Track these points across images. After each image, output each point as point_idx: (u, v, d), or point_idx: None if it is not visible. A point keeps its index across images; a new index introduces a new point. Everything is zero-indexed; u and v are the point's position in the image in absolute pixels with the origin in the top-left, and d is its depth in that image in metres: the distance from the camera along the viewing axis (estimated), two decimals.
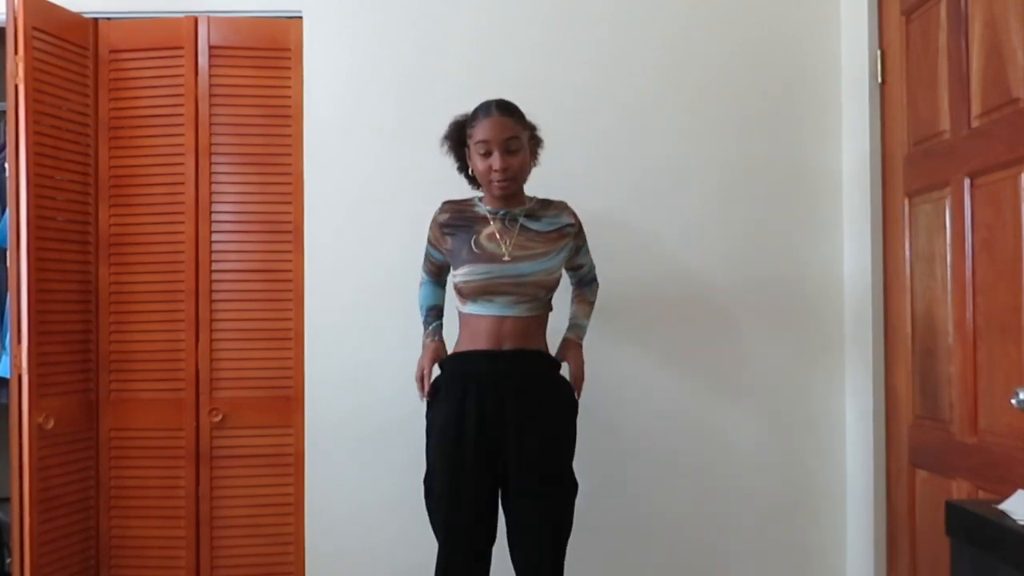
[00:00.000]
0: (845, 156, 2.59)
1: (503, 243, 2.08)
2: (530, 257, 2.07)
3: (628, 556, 2.59)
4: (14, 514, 2.37)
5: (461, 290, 2.08)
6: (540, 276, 2.06)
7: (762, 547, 2.60)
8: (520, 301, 2.06)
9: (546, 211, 2.16)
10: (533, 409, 2.04)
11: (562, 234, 2.14)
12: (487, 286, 2.04)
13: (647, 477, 2.59)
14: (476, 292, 2.05)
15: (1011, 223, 1.82)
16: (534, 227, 2.12)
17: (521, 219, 2.12)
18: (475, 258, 2.06)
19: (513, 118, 2.07)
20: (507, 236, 2.09)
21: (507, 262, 2.05)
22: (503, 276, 2.04)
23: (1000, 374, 1.86)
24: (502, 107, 2.07)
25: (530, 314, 2.08)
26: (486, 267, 2.04)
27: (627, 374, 2.59)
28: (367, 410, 2.60)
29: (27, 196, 2.38)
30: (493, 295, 2.05)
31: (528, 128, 2.12)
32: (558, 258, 2.11)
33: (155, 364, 2.64)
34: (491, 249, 2.07)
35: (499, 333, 2.06)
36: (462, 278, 2.06)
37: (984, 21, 1.94)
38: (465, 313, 2.11)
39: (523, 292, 2.05)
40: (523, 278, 2.05)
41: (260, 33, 2.67)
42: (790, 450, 2.61)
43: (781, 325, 2.61)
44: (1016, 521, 1.40)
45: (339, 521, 2.59)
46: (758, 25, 2.63)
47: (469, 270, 2.05)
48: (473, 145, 2.07)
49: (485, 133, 2.04)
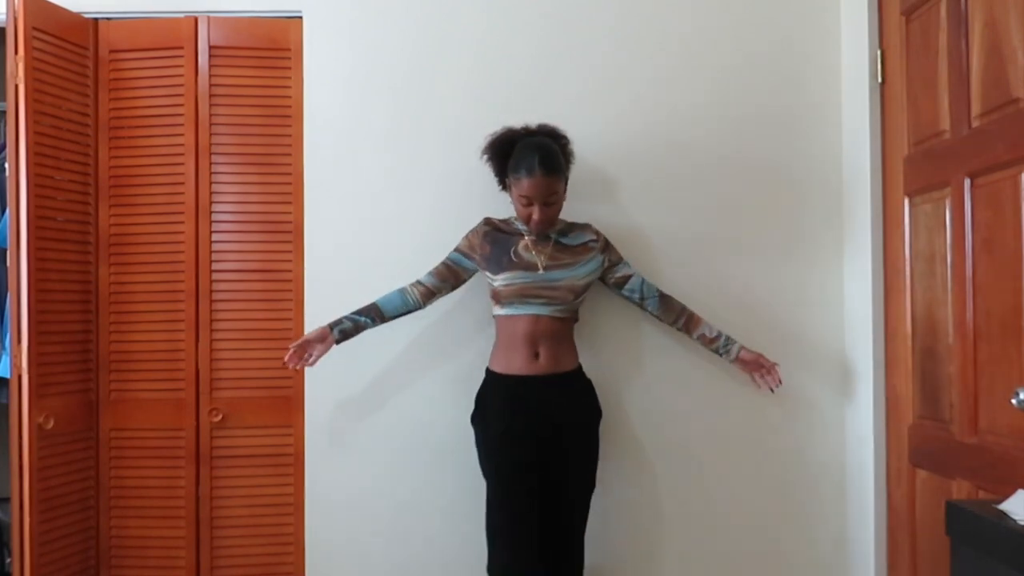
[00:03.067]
0: (845, 156, 2.59)
1: (539, 255, 2.33)
2: (560, 267, 2.33)
3: (627, 553, 2.59)
4: (14, 514, 2.37)
5: (501, 293, 2.32)
6: (569, 281, 2.32)
7: (762, 547, 2.60)
8: (551, 303, 2.30)
9: (572, 230, 2.41)
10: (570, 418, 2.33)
11: (587, 248, 2.39)
12: (524, 290, 2.29)
13: (645, 476, 2.59)
14: (514, 295, 2.30)
15: (1011, 223, 1.82)
16: (563, 241, 2.37)
17: (553, 236, 2.37)
18: (514, 266, 2.32)
19: (554, 175, 2.26)
20: (541, 249, 2.34)
21: (541, 272, 2.31)
22: (538, 282, 2.30)
23: (1000, 374, 1.86)
24: (545, 166, 2.24)
25: (559, 316, 2.32)
26: (524, 274, 2.31)
27: (626, 373, 2.59)
28: (367, 410, 2.59)
29: (27, 196, 2.38)
30: (529, 298, 2.29)
31: (565, 175, 2.32)
32: (585, 268, 2.35)
33: (155, 364, 2.64)
34: (528, 259, 2.33)
35: (534, 332, 2.30)
36: (503, 282, 2.31)
37: (984, 21, 1.94)
38: (503, 316, 2.34)
39: (555, 296, 2.30)
40: (555, 283, 2.30)
41: (260, 33, 2.66)
42: (790, 450, 2.61)
43: (781, 325, 2.61)
44: (1016, 521, 1.40)
45: (339, 521, 2.59)
46: (758, 26, 2.63)
47: (509, 276, 2.31)
48: (514, 187, 2.28)
49: (528, 191, 2.25)
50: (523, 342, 2.31)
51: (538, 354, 2.31)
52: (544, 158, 2.23)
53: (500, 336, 2.37)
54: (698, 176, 2.62)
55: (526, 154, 2.25)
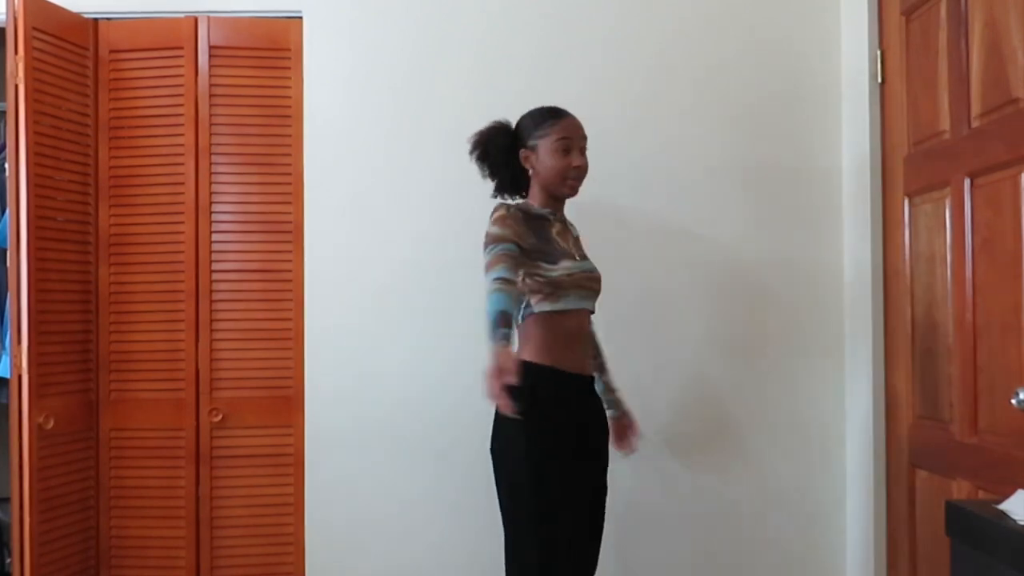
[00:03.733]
0: (845, 156, 2.59)
1: (568, 242, 2.11)
2: (585, 257, 2.14)
3: (626, 553, 2.59)
4: (14, 514, 2.37)
5: (561, 284, 2.00)
6: (598, 272, 2.12)
7: (762, 547, 2.60)
8: (594, 296, 2.11)
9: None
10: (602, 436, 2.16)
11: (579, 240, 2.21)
12: (580, 280, 2.04)
13: (644, 476, 2.59)
14: (575, 286, 2.02)
15: (1011, 223, 1.82)
16: (574, 232, 2.19)
17: (567, 223, 2.18)
18: (563, 254, 2.05)
19: None
20: (567, 237, 2.13)
21: (580, 260, 2.10)
22: (587, 271, 2.08)
23: (1000, 374, 1.86)
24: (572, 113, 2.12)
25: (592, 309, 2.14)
26: (574, 263, 2.05)
27: (625, 373, 2.59)
28: (367, 410, 2.60)
29: (27, 196, 2.38)
30: (583, 289, 2.06)
31: None
32: None
33: (155, 364, 2.64)
34: (566, 248, 2.09)
35: (581, 328, 2.08)
36: (564, 271, 2.00)
37: (984, 21, 1.94)
38: (555, 312, 2.01)
39: (597, 288, 2.11)
40: (596, 273, 2.11)
41: (260, 33, 2.67)
42: (790, 450, 2.61)
43: (781, 325, 2.61)
44: (1016, 521, 1.40)
45: (339, 521, 2.59)
46: (758, 26, 2.63)
47: (568, 265, 2.02)
48: (548, 141, 2.06)
49: (568, 131, 2.07)
50: (577, 340, 2.06)
51: (585, 356, 2.10)
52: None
53: (545, 337, 2.01)
54: (698, 176, 2.62)
55: (545, 109, 2.10)
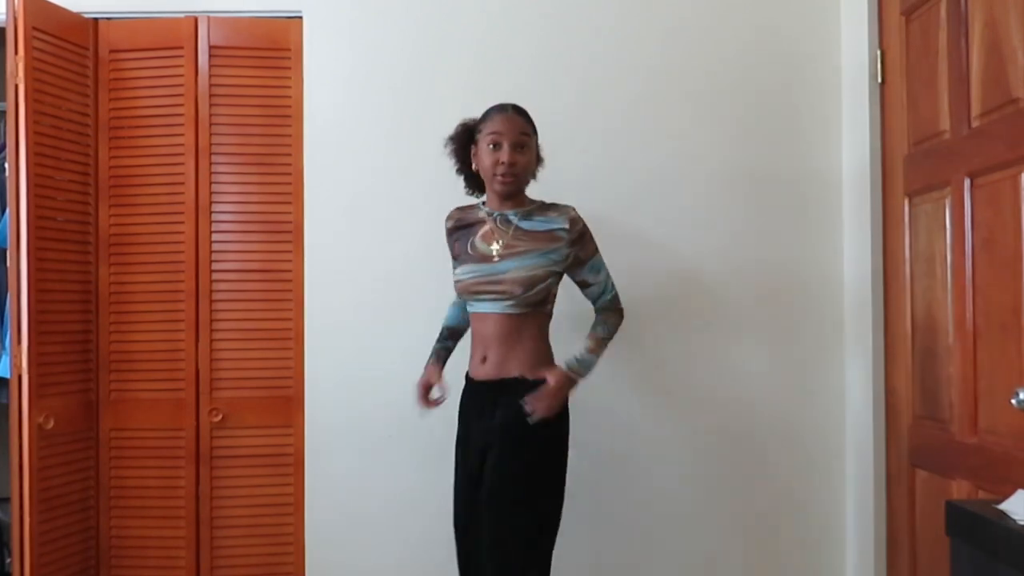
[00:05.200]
0: (845, 156, 2.59)
1: (495, 243, 2.09)
2: (513, 255, 2.06)
3: (626, 554, 2.59)
4: (14, 514, 2.37)
5: (456, 289, 2.15)
6: (516, 272, 2.02)
7: (762, 547, 2.60)
8: (499, 299, 2.03)
9: (543, 213, 2.10)
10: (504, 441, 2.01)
11: (552, 236, 2.07)
12: (470, 286, 2.08)
13: (643, 476, 2.59)
14: (465, 291, 2.11)
15: (1011, 223, 1.82)
16: (524, 226, 2.09)
17: (515, 220, 2.09)
18: (468, 259, 2.11)
19: (525, 119, 2.12)
20: (500, 236, 2.09)
21: (494, 262, 2.07)
22: (485, 275, 2.06)
23: (1000, 374, 1.86)
24: (517, 108, 2.12)
25: (512, 313, 2.03)
26: (474, 267, 2.09)
27: (625, 373, 2.59)
28: (367, 410, 2.60)
29: (27, 196, 2.38)
30: (477, 294, 2.07)
31: (536, 135, 2.15)
32: (543, 258, 2.04)
33: (155, 364, 2.64)
34: (483, 250, 2.11)
35: (483, 334, 2.08)
36: (456, 278, 2.13)
37: (984, 21, 1.94)
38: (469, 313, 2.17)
39: (499, 290, 2.03)
40: (500, 275, 2.04)
41: (260, 33, 2.67)
42: (790, 450, 2.61)
43: (781, 325, 2.61)
44: (1016, 521, 1.40)
45: (339, 521, 2.59)
46: (758, 25, 2.63)
47: (461, 270, 2.12)
48: (483, 138, 2.08)
49: (498, 126, 2.07)
50: (477, 344, 2.10)
51: (485, 358, 2.06)
52: (515, 105, 2.11)
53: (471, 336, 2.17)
54: (697, 176, 2.62)
55: (494, 105, 2.12)
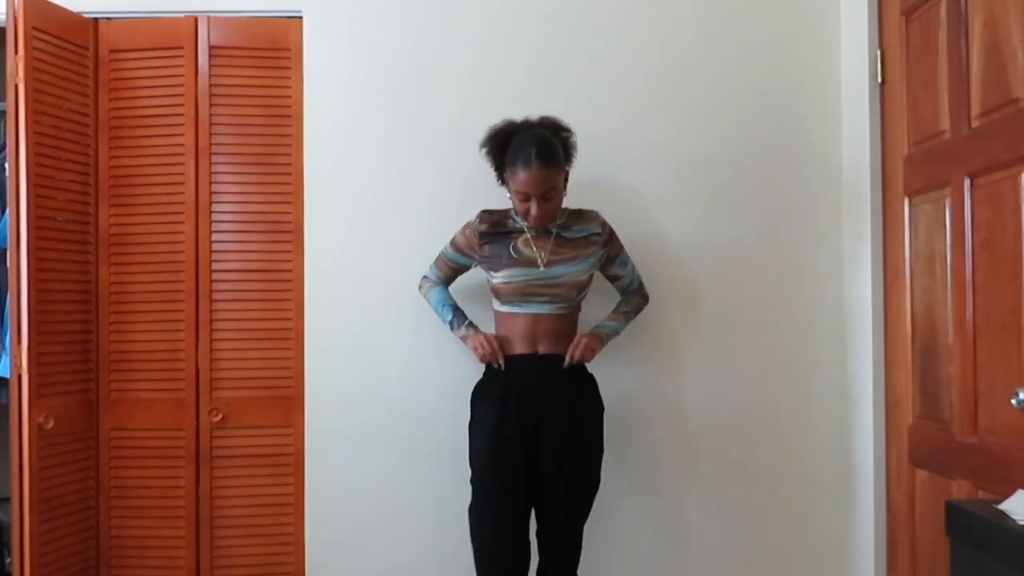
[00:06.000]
0: (845, 156, 2.59)
1: (539, 250, 2.25)
2: (562, 262, 2.25)
3: (628, 552, 2.59)
4: (14, 514, 2.37)
5: (500, 291, 2.25)
6: (571, 278, 2.24)
7: (762, 547, 2.60)
8: (553, 301, 2.24)
9: (577, 221, 2.31)
10: (570, 411, 2.23)
11: (590, 241, 2.29)
12: (525, 288, 2.23)
13: (643, 476, 2.59)
14: (514, 293, 2.23)
15: (1011, 223, 1.82)
16: (565, 235, 2.28)
17: (555, 230, 2.28)
18: (514, 263, 2.24)
19: (552, 168, 2.16)
20: (542, 244, 2.26)
21: (542, 268, 2.23)
22: (539, 279, 2.22)
23: (1000, 374, 1.86)
24: (542, 158, 2.14)
25: (562, 313, 2.26)
26: (524, 271, 2.23)
27: (626, 374, 2.59)
28: (367, 410, 2.60)
29: (27, 196, 2.38)
30: (530, 296, 2.23)
31: (564, 169, 2.24)
32: (587, 263, 2.27)
33: (155, 364, 2.64)
34: (528, 255, 2.25)
35: (534, 332, 2.25)
36: (502, 280, 2.24)
37: (984, 21, 1.94)
38: (503, 312, 2.29)
39: (556, 294, 2.23)
40: (556, 280, 2.23)
41: (260, 33, 2.66)
42: (790, 450, 2.61)
43: (781, 325, 2.61)
44: (1016, 521, 1.40)
45: (339, 521, 2.59)
46: (758, 26, 2.63)
47: (509, 273, 2.23)
48: (511, 184, 2.20)
49: (525, 186, 2.16)
50: (522, 339, 2.26)
51: (537, 351, 2.26)
52: (541, 151, 2.13)
53: (499, 331, 2.31)
54: (697, 175, 2.62)
55: (522, 146, 2.16)
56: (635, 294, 2.45)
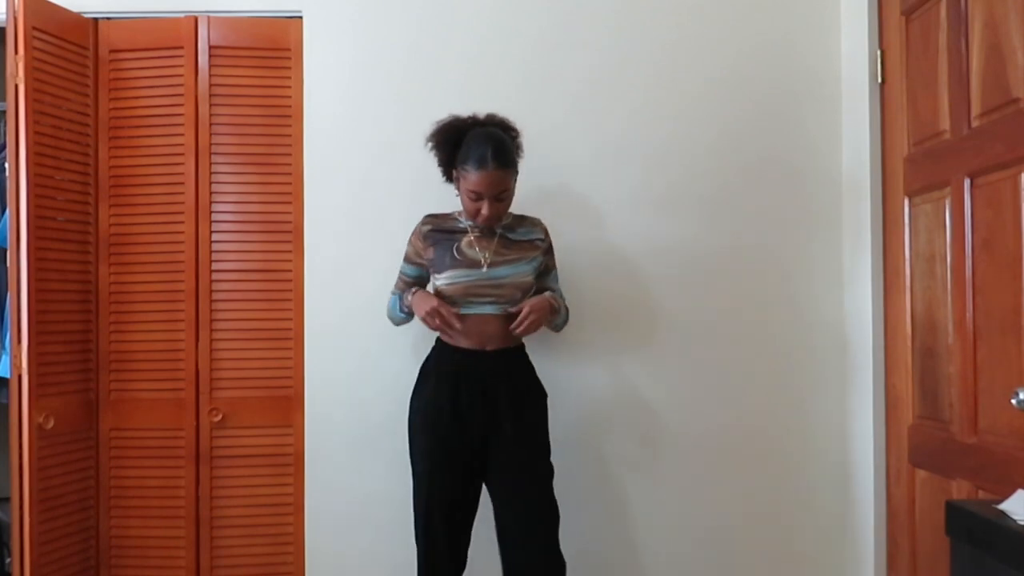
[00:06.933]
0: (845, 156, 2.59)
1: (482, 251, 2.21)
2: (506, 263, 2.21)
3: (629, 553, 2.59)
4: (14, 514, 2.37)
5: (443, 293, 2.20)
6: (515, 279, 2.20)
7: (762, 547, 2.60)
8: (498, 302, 2.19)
9: (521, 224, 2.30)
10: (514, 401, 2.19)
11: (534, 245, 2.28)
12: (468, 289, 2.18)
13: (643, 476, 2.59)
14: (459, 295, 2.18)
15: (1011, 223, 1.82)
16: (510, 236, 2.26)
17: (499, 231, 2.25)
18: (457, 264, 2.19)
19: (506, 170, 2.14)
20: (486, 245, 2.22)
21: (486, 268, 2.19)
22: (482, 280, 2.18)
23: (1000, 374, 1.86)
24: (498, 159, 2.11)
25: (509, 312, 2.20)
26: (467, 272, 2.18)
27: (623, 376, 2.59)
28: (367, 410, 2.60)
29: (27, 196, 2.38)
30: (474, 297, 2.18)
31: (517, 169, 2.20)
32: (530, 265, 2.25)
33: (155, 364, 2.64)
34: (471, 256, 2.20)
35: (482, 332, 2.19)
36: (445, 282, 2.19)
37: (984, 21, 1.94)
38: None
39: (501, 295, 2.19)
40: (500, 280, 2.19)
41: (260, 33, 2.66)
42: (790, 450, 2.61)
43: (780, 325, 2.61)
44: (1016, 521, 1.40)
45: (339, 521, 2.59)
46: (758, 26, 2.63)
47: (452, 274, 2.18)
48: (463, 183, 2.16)
49: (479, 186, 2.12)
50: (469, 338, 2.20)
51: (485, 348, 2.20)
52: (497, 151, 2.10)
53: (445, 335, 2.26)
54: (697, 176, 2.62)
55: (477, 145, 2.12)
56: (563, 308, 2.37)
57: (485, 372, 2.19)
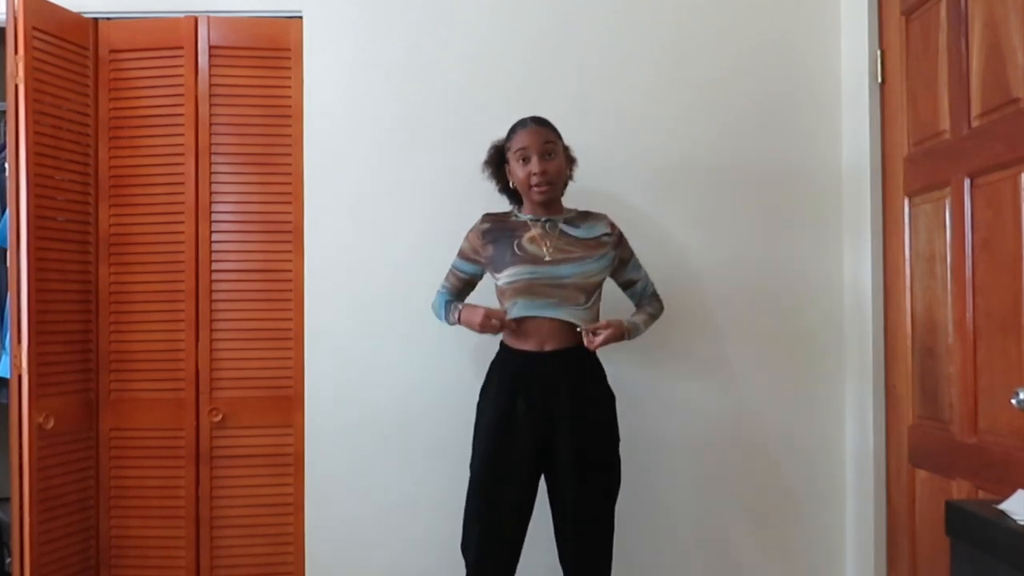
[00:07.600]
0: (845, 156, 2.59)
1: (544, 246, 2.17)
2: (569, 260, 2.16)
3: (630, 553, 2.59)
4: (14, 514, 2.37)
5: (505, 291, 2.17)
6: (578, 279, 2.15)
7: (762, 547, 2.60)
8: (561, 304, 2.14)
9: (584, 220, 2.26)
10: (575, 403, 2.13)
11: (600, 242, 2.22)
12: (530, 286, 2.13)
13: (644, 477, 2.59)
14: (519, 292, 2.14)
15: (1011, 223, 1.82)
16: (573, 233, 2.21)
17: (561, 225, 2.22)
18: (518, 260, 2.16)
19: (548, 128, 2.21)
20: (548, 240, 2.18)
21: (548, 264, 2.15)
22: (544, 276, 2.14)
23: (1000, 374, 1.86)
24: (538, 120, 2.21)
25: (570, 319, 2.14)
26: (529, 268, 2.14)
27: (627, 375, 2.59)
28: (367, 410, 2.60)
29: (27, 196, 2.38)
30: (535, 296, 2.14)
31: (562, 140, 2.24)
32: (596, 264, 2.19)
33: (155, 364, 2.64)
34: (533, 251, 2.17)
35: (541, 334, 2.15)
36: (506, 279, 2.16)
37: (984, 21, 1.94)
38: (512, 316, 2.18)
39: (563, 294, 2.14)
40: (562, 279, 2.14)
41: (260, 33, 2.66)
42: (790, 450, 2.61)
43: (781, 325, 2.61)
44: (1016, 521, 1.40)
45: (339, 521, 2.59)
46: (758, 26, 2.63)
47: (513, 271, 2.15)
48: (512, 155, 2.19)
49: (523, 141, 2.17)
50: (531, 342, 2.15)
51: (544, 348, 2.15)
52: (536, 117, 2.21)
53: (506, 339, 2.22)
54: (697, 176, 2.62)
55: (517, 121, 2.22)
56: (653, 299, 2.36)
57: (544, 374, 2.13)
